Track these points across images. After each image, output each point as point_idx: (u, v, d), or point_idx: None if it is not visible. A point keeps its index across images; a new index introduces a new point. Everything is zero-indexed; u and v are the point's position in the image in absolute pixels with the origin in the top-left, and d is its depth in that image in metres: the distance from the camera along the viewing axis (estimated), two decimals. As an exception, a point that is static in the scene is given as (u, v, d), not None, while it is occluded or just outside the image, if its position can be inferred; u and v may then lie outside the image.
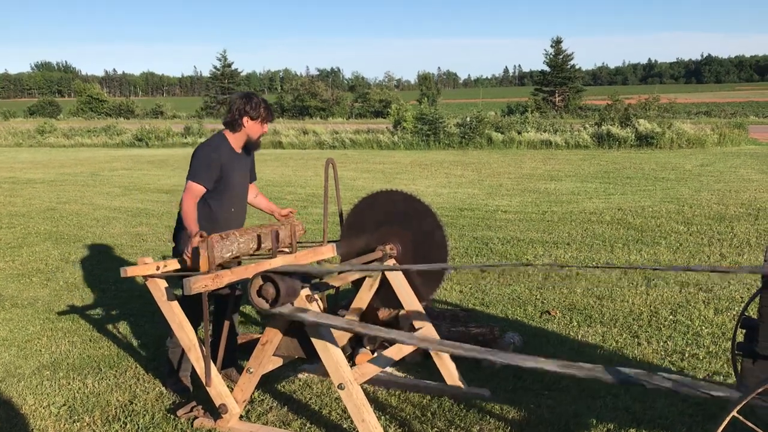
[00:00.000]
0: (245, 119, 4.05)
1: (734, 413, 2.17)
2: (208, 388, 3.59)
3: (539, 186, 13.65)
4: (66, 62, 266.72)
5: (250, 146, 4.22)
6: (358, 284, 4.31)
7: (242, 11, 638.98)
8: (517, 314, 5.59)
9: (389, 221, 4.25)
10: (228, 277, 3.45)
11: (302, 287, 3.35)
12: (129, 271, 3.59)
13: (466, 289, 6.29)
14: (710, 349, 4.68)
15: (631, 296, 5.90)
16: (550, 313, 5.56)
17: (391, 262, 4.19)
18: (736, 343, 3.06)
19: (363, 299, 4.26)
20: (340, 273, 3.91)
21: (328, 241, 4.40)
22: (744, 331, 3.00)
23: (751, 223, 8.99)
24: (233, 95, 4.20)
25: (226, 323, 3.92)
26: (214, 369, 3.59)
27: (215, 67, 69.07)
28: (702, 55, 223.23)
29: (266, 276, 3.20)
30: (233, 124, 4.09)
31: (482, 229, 9.30)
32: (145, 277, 3.67)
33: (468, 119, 25.46)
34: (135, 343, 5.17)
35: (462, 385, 4.02)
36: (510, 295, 6.08)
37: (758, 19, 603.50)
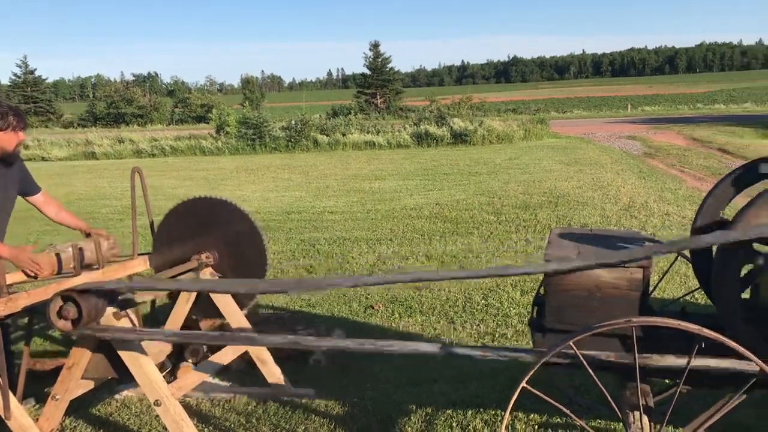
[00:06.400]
0: None
1: (524, 383, 2.38)
2: (8, 422, 3.30)
3: (364, 186, 13.99)
4: None
5: (8, 158, 3.76)
6: (175, 296, 4.18)
7: (46, 14, 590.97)
8: (342, 311, 5.70)
9: (204, 229, 4.16)
10: (24, 300, 3.20)
11: (109, 304, 3.18)
12: None
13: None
14: (517, 328, 5.08)
15: (448, 285, 6.24)
16: (374, 308, 5.73)
17: (208, 271, 4.11)
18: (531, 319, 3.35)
19: (181, 311, 4.14)
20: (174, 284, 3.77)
21: (140, 254, 4.22)
22: (536, 308, 3.30)
23: (551, 209, 9.85)
24: None
25: (26, 348, 3.62)
26: (14, 400, 3.30)
27: (15, 75, 63.37)
28: (509, 57, 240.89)
29: (66, 295, 3.00)
30: None
31: (309, 230, 9.37)
32: None
33: (293, 122, 25.47)
34: None
35: (287, 387, 4.03)
36: (335, 293, 6.18)
37: (557, 23, 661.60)
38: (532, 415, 3.61)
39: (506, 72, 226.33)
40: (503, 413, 3.64)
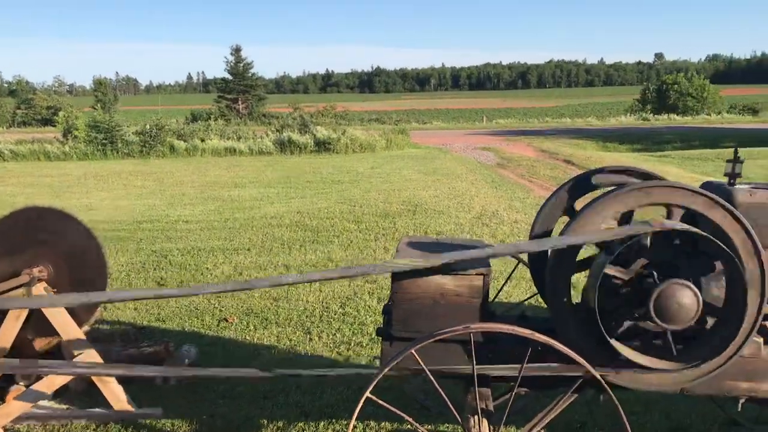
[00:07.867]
0: None
1: (368, 393, 2.38)
2: None
3: (223, 193, 13.63)
4: None
5: None
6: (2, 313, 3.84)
7: None
8: (194, 325, 5.49)
9: (37, 241, 3.86)
10: None
11: None
12: None
13: (141, 306, 5.98)
14: (373, 336, 5.12)
15: (306, 295, 6.20)
16: (227, 321, 5.57)
17: (42, 285, 3.80)
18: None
19: (10, 331, 3.80)
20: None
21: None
22: (385, 317, 3.33)
23: (410, 217, 10.08)
24: None
25: None
26: None
27: None
28: (373, 67, 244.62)
29: None
30: None
31: (162, 240, 8.97)
32: None
33: (148, 127, 24.38)
34: None
35: (131, 408, 3.81)
36: (188, 306, 5.95)
37: (419, 36, 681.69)
38: (383, 423, 3.65)
39: (370, 82, 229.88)
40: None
